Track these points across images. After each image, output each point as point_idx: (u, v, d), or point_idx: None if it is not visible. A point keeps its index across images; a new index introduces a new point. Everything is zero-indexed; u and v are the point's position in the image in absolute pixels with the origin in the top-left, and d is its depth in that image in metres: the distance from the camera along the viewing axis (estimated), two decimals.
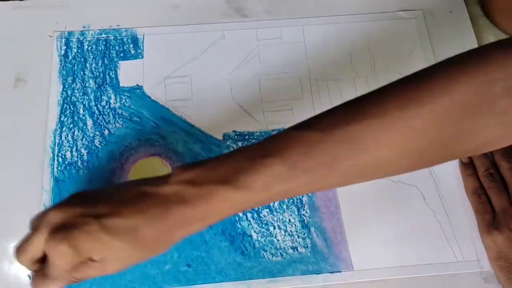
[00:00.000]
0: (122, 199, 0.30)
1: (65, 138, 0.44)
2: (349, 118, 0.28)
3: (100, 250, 0.29)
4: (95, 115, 0.45)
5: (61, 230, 0.29)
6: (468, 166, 0.43)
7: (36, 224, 0.30)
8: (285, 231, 0.42)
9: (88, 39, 0.48)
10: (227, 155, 0.30)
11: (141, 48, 0.48)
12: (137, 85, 0.47)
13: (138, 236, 0.28)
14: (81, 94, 0.46)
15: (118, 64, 0.47)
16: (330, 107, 0.47)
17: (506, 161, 0.42)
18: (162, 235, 0.29)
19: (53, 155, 0.43)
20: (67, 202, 0.31)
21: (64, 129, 0.45)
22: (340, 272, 0.40)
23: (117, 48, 0.48)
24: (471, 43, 0.50)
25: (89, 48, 0.48)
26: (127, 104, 0.46)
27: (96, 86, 0.46)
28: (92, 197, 0.31)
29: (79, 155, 0.44)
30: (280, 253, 0.41)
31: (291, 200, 0.42)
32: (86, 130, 0.45)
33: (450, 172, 0.44)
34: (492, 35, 0.51)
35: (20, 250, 0.31)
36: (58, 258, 0.29)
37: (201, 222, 0.29)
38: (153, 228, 0.28)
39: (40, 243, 0.29)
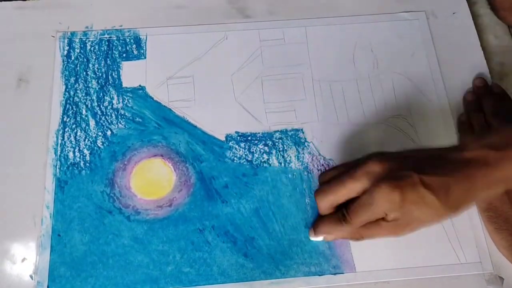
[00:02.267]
0: (431, 160, 0.32)
1: (68, 138, 0.44)
2: None
3: (417, 203, 0.31)
4: (98, 115, 0.45)
5: (390, 179, 0.31)
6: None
7: (347, 172, 0.33)
8: (287, 232, 0.41)
9: (91, 39, 0.48)
10: None
11: (144, 48, 0.48)
12: (140, 85, 0.47)
13: (449, 194, 0.31)
14: (83, 94, 0.46)
15: (120, 65, 0.47)
16: (333, 108, 0.47)
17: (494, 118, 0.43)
18: (467, 195, 0.31)
19: (56, 156, 0.43)
20: (381, 156, 0.33)
21: (66, 129, 0.45)
22: (342, 273, 0.40)
23: (119, 48, 0.48)
24: (474, 45, 0.49)
25: (92, 48, 0.48)
26: (129, 105, 0.46)
27: (99, 86, 0.46)
28: (402, 156, 0.34)
29: (81, 156, 0.44)
30: (283, 254, 0.41)
31: (293, 201, 0.42)
32: (89, 130, 0.45)
33: None
34: (494, 36, 0.51)
35: (327, 192, 0.34)
36: (384, 205, 0.31)
37: (504, 184, 0.31)
38: (461, 188, 0.31)
39: (357, 188, 0.32)
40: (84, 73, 0.47)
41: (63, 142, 0.44)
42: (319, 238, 0.37)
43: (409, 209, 0.31)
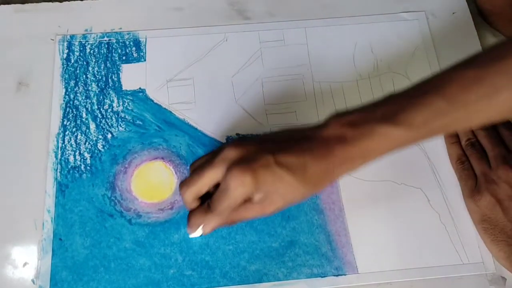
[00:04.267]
0: (289, 140, 0.33)
1: (68, 142, 0.44)
2: (506, 53, 0.30)
3: (274, 183, 0.31)
4: (98, 118, 0.45)
5: (242, 163, 0.31)
6: (452, 134, 0.45)
7: (208, 161, 0.33)
8: (289, 234, 0.41)
9: (90, 42, 0.48)
10: (381, 99, 0.33)
11: (144, 51, 0.48)
12: (140, 88, 0.47)
13: (306, 172, 0.31)
14: (83, 97, 0.46)
15: (120, 67, 0.47)
16: (333, 109, 0.47)
17: (483, 130, 0.43)
18: (326, 172, 0.32)
19: (56, 159, 0.43)
20: (238, 142, 0.33)
21: (67, 133, 0.44)
22: (345, 275, 0.40)
23: (119, 51, 0.48)
24: (474, 44, 0.49)
25: (92, 51, 0.48)
26: (130, 108, 0.46)
27: (99, 89, 0.46)
28: (259, 139, 0.34)
29: (82, 159, 0.44)
30: (285, 256, 0.41)
31: None
32: (89, 133, 0.45)
33: (454, 174, 0.44)
34: (492, 35, 0.51)
35: (189, 183, 0.33)
36: (238, 188, 0.31)
37: (362, 159, 0.32)
38: (318, 165, 0.31)
39: (216, 176, 0.32)
40: (84, 76, 0.47)
41: (63, 145, 0.44)
42: (197, 233, 0.35)
43: (268, 189, 0.31)
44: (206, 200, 0.34)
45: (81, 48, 0.48)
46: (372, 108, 0.32)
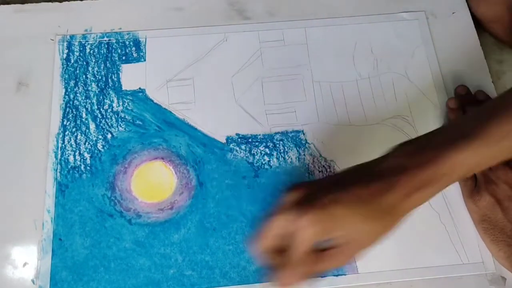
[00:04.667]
0: (346, 179, 0.32)
1: (68, 142, 0.44)
2: None
3: (338, 225, 0.30)
4: (98, 118, 0.45)
5: (303, 203, 0.30)
6: None
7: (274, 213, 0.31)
8: None
9: (90, 42, 0.48)
10: (443, 127, 0.34)
11: (143, 51, 0.48)
12: (140, 88, 0.47)
13: (368, 207, 0.30)
14: (83, 97, 0.46)
15: (120, 68, 0.47)
16: (333, 109, 0.47)
17: None
18: (392, 206, 0.30)
19: (56, 159, 0.43)
20: (295, 187, 0.32)
21: (67, 133, 0.44)
22: (345, 275, 0.40)
23: (119, 51, 0.48)
24: (474, 44, 0.49)
25: (91, 51, 0.48)
26: (129, 108, 0.46)
27: (99, 89, 0.46)
28: (317, 182, 0.34)
29: (82, 159, 0.44)
30: None
31: None
32: (89, 134, 0.45)
33: None
34: (494, 36, 0.51)
35: (261, 237, 0.32)
36: (306, 230, 0.29)
37: (430, 187, 0.30)
38: (380, 200, 0.29)
39: (283, 223, 0.30)
40: (84, 76, 0.47)
41: (63, 145, 0.44)
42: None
43: (344, 226, 0.30)
44: None
45: (81, 48, 0.48)
46: (432, 135, 0.32)
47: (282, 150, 0.45)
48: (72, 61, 0.47)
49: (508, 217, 0.39)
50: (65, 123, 0.45)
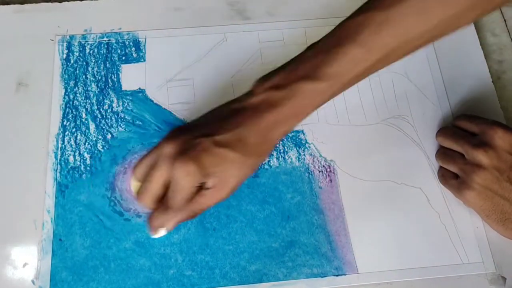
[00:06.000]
0: (220, 119, 0.33)
1: (68, 142, 0.44)
2: None
3: (219, 164, 0.32)
4: (98, 119, 0.45)
5: (182, 154, 0.31)
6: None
7: (151, 164, 0.33)
8: (289, 234, 0.41)
9: (90, 42, 0.48)
10: (301, 55, 0.34)
11: (143, 51, 0.48)
12: (140, 88, 0.47)
13: (246, 144, 0.32)
14: (83, 98, 0.46)
15: (120, 68, 0.47)
16: (332, 110, 0.47)
17: (442, 136, 0.43)
18: (264, 139, 0.33)
19: (56, 160, 0.43)
20: (172, 135, 0.33)
21: (66, 133, 0.44)
22: (345, 275, 0.40)
23: (119, 51, 0.48)
24: (474, 44, 0.49)
25: (91, 51, 0.48)
26: (129, 108, 0.46)
27: (98, 89, 0.46)
28: (192, 126, 0.34)
29: (82, 159, 0.43)
30: (285, 256, 0.41)
31: (294, 202, 0.42)
32: (89, 134, 0.45)
33: None
34: (492, 34, 0.51)
35: (143, 192, 0.33)
36: (184, 178, 0.31)
37: (295, 119, 0.33)
38: (254, 134, 0.32)
39: (164, 174, 0.32)
40: (84, 76, 0.47)
41: (63, 146, 0.44)
42: (160, 233, 0.34)
43: (216, 171, 0.32)
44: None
45: (81, 49, 0.48)
46: (293, 67, 0.33)
47: (282, 150, 0.45)
48: (72, 61, 0.47)
49: (502, 196, 0.38)
50: (65, 123, 0.45)
